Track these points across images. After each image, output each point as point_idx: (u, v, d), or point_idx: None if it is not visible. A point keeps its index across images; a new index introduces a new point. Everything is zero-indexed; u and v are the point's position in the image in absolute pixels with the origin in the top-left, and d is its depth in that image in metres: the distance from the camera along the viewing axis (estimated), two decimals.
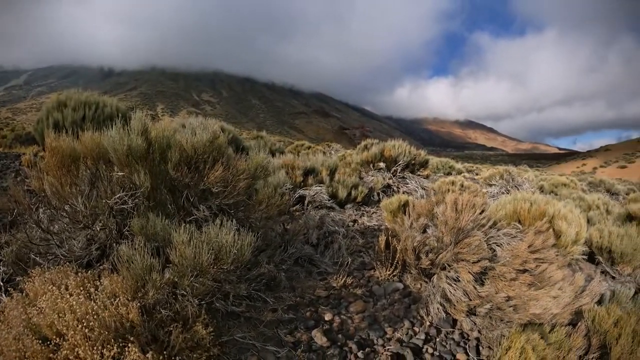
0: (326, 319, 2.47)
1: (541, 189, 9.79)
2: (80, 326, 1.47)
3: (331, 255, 3.46)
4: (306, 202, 4.65)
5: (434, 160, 15.10)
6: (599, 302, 2.63)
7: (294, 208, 4.47)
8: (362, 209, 5.72)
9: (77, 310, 1.52)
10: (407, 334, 2.43)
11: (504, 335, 2.11)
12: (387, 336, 2.39)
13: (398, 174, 7.19)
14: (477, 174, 14.84)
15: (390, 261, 3.13)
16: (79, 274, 1.79)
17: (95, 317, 1.50)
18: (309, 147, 14.22)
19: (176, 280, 1.84)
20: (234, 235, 1.98)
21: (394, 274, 3.12)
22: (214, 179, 2.40)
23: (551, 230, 3.10)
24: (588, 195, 7.86)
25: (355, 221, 4.97)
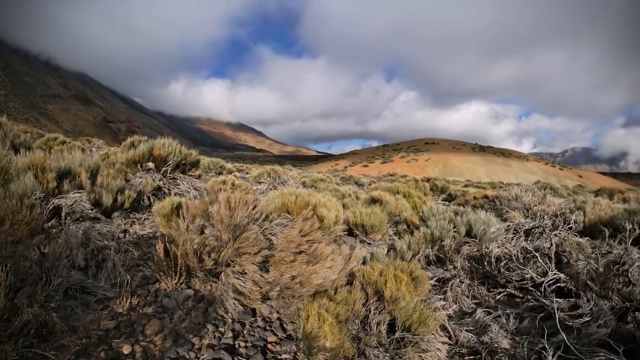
0: (125, 352, 2.25)
1: (304, 184, 11.89)
2: None
3: (106, 276, 3.10)
4: (64, 214, 3.91)
5: (205, 160, 15.44)
6: (364, 262, 3.64)
7: (50, 224, 3.69)
8: (132, 215, 5.31)
9: None
10: (215, 337, 2.54)
11: (299, 308, 2.62)
12: (197, 346, 2.42)
13: (169, 174, 7.03)
14: (247, 173, 16.17)
15: (173, 269, 3.11)
16: None
17: None
18: (64, 142, 11.61)
19: None
20: None
21: (181, 281, 3.13)
22: None
23: (315, 216, 3.91)
24: (341, 187, 10.34)
25: (126, 231, 4.59)
